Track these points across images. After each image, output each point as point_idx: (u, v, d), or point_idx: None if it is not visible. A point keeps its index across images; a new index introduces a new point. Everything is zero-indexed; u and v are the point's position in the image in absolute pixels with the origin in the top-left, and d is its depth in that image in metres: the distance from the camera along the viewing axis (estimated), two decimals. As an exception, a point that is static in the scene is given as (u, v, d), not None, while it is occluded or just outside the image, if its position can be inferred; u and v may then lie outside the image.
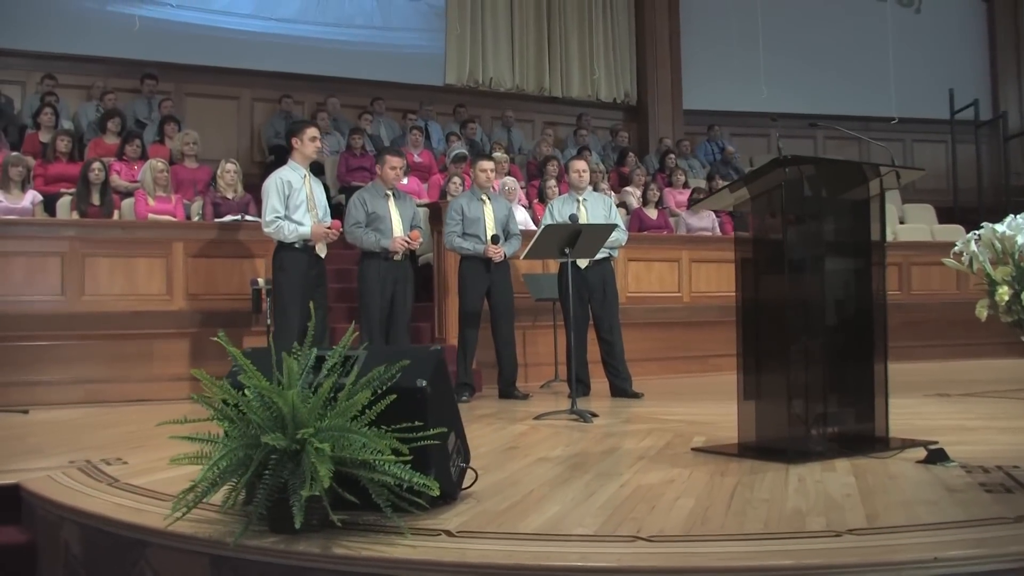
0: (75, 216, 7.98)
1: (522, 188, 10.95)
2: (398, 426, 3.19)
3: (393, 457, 3.10)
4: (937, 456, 4.21)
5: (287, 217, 6.70)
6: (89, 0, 11.73)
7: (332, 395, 3.18)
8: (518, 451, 4.90)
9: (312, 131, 6.89)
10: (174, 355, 7.63)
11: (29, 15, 11.29)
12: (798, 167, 4.49)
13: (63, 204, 8.28)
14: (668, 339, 9.63)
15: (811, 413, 4.47)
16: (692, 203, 10.39)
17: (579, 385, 7.70)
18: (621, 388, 7.65)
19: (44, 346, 7.34)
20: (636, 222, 10.41)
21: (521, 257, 7.21)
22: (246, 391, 3.21)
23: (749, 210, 4.67)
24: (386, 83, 13.25)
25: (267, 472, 3.09)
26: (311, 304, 6.65)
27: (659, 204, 10.73)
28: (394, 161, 7.31)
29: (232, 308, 7.77)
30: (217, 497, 3.19)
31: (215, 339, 3.42)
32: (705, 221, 10.57)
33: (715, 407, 6.38)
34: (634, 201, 11.01)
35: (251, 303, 7.68)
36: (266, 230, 6.74)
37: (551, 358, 8.73)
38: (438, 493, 3.15)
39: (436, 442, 3.29)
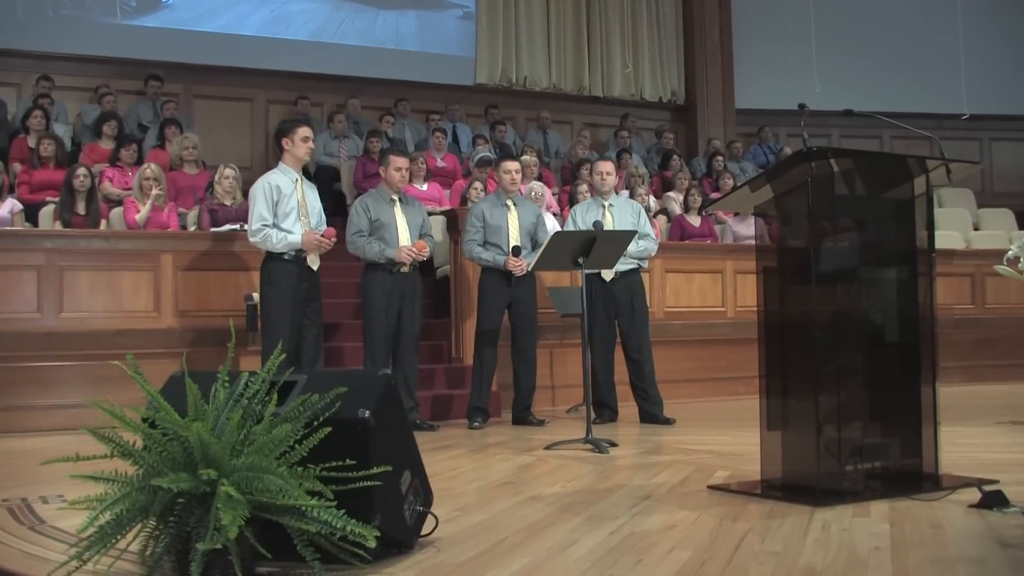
0: (58, 226, 7.76)
1: (554, 194, 10.61)
2: (329, 465, 2.86)
3: (319, 502, 2.76)
4: (994, 500, 3.77)
5: (275, 225, 6.41)
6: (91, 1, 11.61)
7: (250, 429, 2.86)
8: (511, 487, 4.54)
9: (304, 131, 6.60)
10: (163, 377, 7.27)
11: (28, 14, 11.17)
12: (828, 161, 4.09)
13: (45, 213, 8.08)
14: (710, 358, 9.20)
15: (845, 446, 4.07)
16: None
17: (605, 410, 7.38)
18: (651, 413, 7.27)
19: (19, 368, 7.09)
20: (677, 230, 10.02)
21: (529, 268, 6.85)
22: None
23: (773, 211, 4.29)
24: (412, 83, 12.95)
25: (172, 519, 2.78)
26: (303, 321, 6.56)
27: (703, 211, 10.30)
28: (398, 162, 7.00)
29: (226, 325, 7.43)
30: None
31: (115, 363, 3.11)
32: (753, 228, 10.12)
33: (752, 436, 5.93)
34: (676, 207, 10.60)
35: (245, 320, 7.40)
36: (252, 239, 6.46)
37: (580, 379, 8.33)
38: (374, 543, 2.80)
39: (379, 483, 2.94)
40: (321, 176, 11.07)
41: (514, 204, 7.32)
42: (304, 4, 12.79)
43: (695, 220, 10.06)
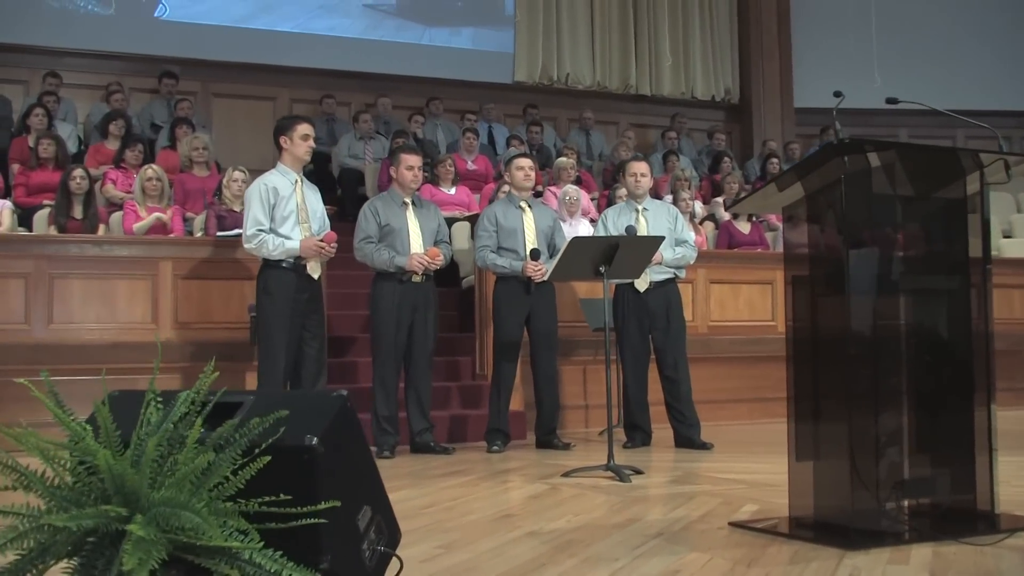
0: (53, 231, 7.62)
1: (593, 199, 10.33)
2: (264, 499, 2.61)
3: (246, 543, 2.51)
4: (1055, 544, 3.43)
5: (272, 230, 6.20)
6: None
7: (171, 456, 2.62)
8: (511, 521, 4.27)
9: (304, 128, 6.38)
10: (160, 394, 7.14)
11: (36, 6, 11.10)
12: (865, 155, 3.77)
13: (40, 217, 7.94)
14: (759, 377, 8.83)
15: (884, 479, 3.74)
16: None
17: (637, 433, 7.12)
18: (687, 437, 6.96)
19: (3, 383, 6.94)
20: (725, 237, 9.70)
21: (546, 277, 6.58)
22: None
23: (804, 212, 3.97)
24: (445, 80, 12.79)
25: (79, 561, 2.54)
26: (303, 334, 6.34)
27: (754, 216, 9.96)
28: (411, 160, 6.78)
29: (229, 339, 7.28)
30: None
31: (21, 381, 2.90)
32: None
33: (794, 464, 5.64)
34: (724, 213, 10.27)
35: (249, 333, 7.19)
36: (247, 246, 6.25)
37: (615, 399, 8.03)
38: (312, 593, 2.55)
39: (328, 520, 2.69)
40: (345, 179, 10.94)
41: (529, 206, 7.06)
42: (334, 20, 12.64)
43: (744, 227, 9.72)
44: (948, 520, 3.85)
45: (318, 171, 11.49)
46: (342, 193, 10.82)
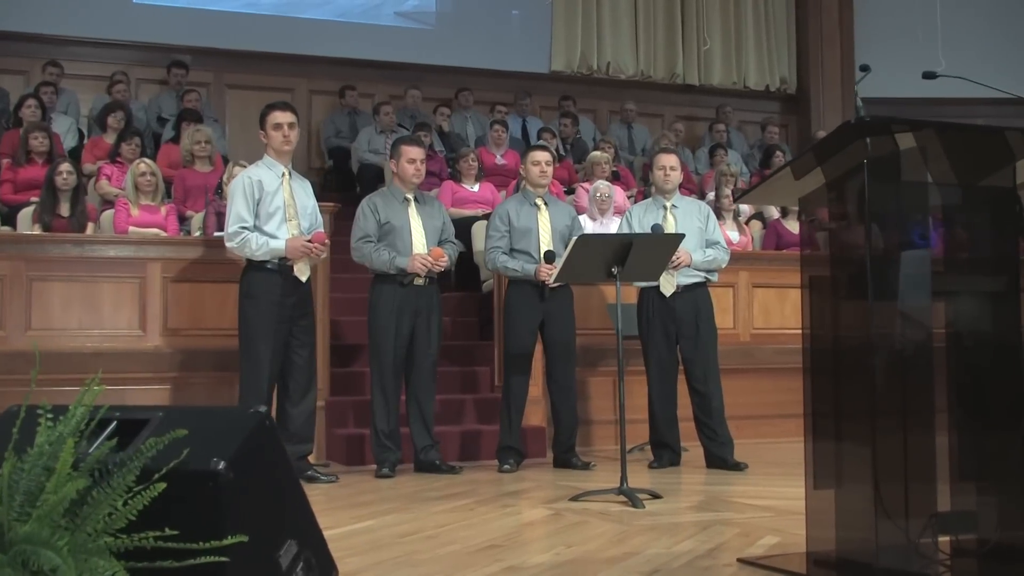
0: (37, 230, 7.45)
1: (629, 196, 10.01)
2: (150, 534, 2.36)
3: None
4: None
5: (257, 228, 5.96)
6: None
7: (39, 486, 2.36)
8: (495, 552, 3.98)
9: (275, 116, 6.16)
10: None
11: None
12: (892, 136, 3.43)
13: (24, 215, 7.76)
14: (808, 390, 8.47)
15: (916, 510, 3.39)
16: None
17: (664, 452, 6.85)
18: (718, 457, 6.63)
19: (-26, 393, 6.78)
20: (773, 237, 9.36)
21: (551, 281, 6.29)
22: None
23: (824, 203, 3.65)
24: (476, 70, 12.53)
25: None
26: (290, 342, 6.09)
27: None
28: (412, 152, 6.50)
29: (222, 347, 7.01)
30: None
31: None
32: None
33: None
34: (773, 211, 9.92)
35: (246, 340, 6.97)
36: (228, 244, 6.01)
37: (645, 413, 7.72)
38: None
39: (227, 559, 2.42)
40: (363, 176, 10.72)
41: (545, 203, 6.76)
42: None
43: (794, 226, 9.34)
44: (996, 560, 3.51)
45: (337, 167, 11.34)
46: (361, 190, 10.59)
